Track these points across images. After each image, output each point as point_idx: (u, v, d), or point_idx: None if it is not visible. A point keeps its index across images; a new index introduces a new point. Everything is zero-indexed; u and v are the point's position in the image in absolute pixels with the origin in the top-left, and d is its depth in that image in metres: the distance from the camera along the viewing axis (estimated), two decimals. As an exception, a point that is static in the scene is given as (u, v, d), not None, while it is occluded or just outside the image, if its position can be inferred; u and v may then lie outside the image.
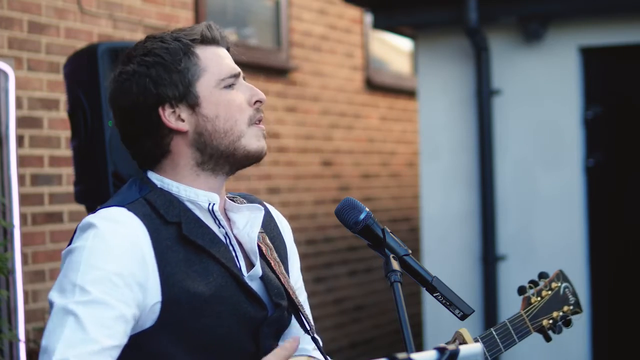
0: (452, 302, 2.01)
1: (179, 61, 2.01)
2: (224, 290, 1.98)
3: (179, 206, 2.01)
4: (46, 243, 4.93)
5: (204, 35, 2.05)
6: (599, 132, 6.29)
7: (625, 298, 6.30)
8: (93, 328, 1.82)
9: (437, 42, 6.65)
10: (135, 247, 1.91)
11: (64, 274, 1.91)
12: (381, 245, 2.01)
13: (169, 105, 2.01)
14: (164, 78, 2.00)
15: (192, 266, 1.96)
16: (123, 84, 2.03)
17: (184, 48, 2.02)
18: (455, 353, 1.65)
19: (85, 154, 3.98)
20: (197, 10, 6.22)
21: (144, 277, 1.90)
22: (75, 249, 1.93)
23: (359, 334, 8.02)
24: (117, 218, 1.94)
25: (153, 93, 2.00)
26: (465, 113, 6.52)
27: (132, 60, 2.04)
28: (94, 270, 1.87)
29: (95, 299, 1.84)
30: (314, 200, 7.42)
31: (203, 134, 2.02)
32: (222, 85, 2.03)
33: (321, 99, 7.66)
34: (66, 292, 1.87)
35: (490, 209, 6.35)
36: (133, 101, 2.01)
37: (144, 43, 2.06)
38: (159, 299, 1.91)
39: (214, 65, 2.04)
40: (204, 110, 2.02)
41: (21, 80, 4.78)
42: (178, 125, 2.02)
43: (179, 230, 1.97)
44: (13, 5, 4.80)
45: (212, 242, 2.00)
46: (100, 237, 1.91)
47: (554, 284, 2.32)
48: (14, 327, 4.14)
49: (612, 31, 6.24)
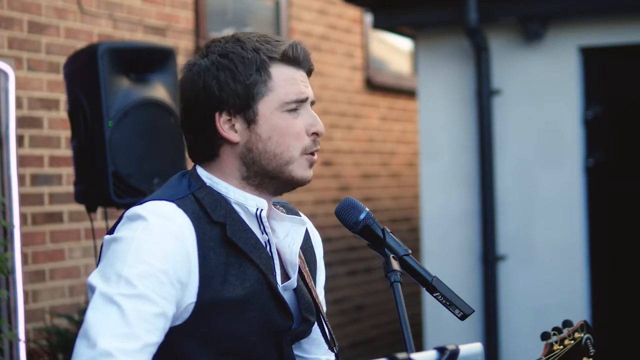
0: (452, 302, 2.00)
1: (250, 75, 1.99)
2: (257, 297, 1.98)
3: (226, 206, 2.00)
4: (46, 243, 4.93)
5: (285, 55, 2.02)
6: (599, 132, 6.29)
7: (625, 298, 6.30)
8: (136, 323, 1.82)
9: (437, 42, 6.64)
10: (181, 245, 1.91)
11: (109, 262, 1.90)
12: (381, 245, 2.01)
13: (227, 113, 2.00)
14: (229, 85, 1.99)
15: (230, 269, 1.96)
16: (192, 76, 2.02)
17: (259, 62, 2.00)
18: (455, 353, 1.65)
19: (85, 154, 3.98)
20: (197, 10, 6.22)
21: (186, 275, 1.91)
22: (123, 239, 1.91)
23: (359, 334, 8.02)
24: (167, 214, 1.93)
25: (215, 96, 1.99)
26: (465, 113, 6.52)
27: (209, 55, 2.02)
28: (141, 265, 1.87)
29: (140, 294, 1.85)
30: (314, 200, 7.42)
31: (252, 151, 2.01)
32: (284, 109, 2.02)
33: (321, 99, 7.66)
34: (110, 281, 1.86)
35: (490, 208, 6.35)
36: (196, 96, 2.01)
37: (226, 41, 2.04)
38: (194, 299, 1.92)
39: (283, 87, 2.01)
40: (259, 128, 2.00)
41: (21, 80, 4.78)
42: (230, 135, 2.01)
43: (223, 231, 1.97)
44: (13, 5, 4.80)
45: (254, 247, 2.00)
46: (149, 231, 1.90)
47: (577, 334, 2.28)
48: (14, 327, 4.14)
49: (612, 31, 6.24)
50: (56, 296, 4.98)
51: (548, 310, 6.24)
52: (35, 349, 4.60)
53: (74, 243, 5.09)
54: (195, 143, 2.05)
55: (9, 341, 4.11)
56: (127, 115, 3.96)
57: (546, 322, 7.08)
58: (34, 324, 4.78)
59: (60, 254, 5.01)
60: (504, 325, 6.32)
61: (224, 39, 2.05)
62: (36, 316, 4.84)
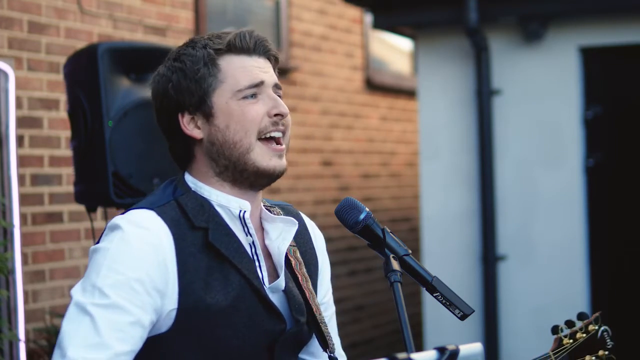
0: (452, 302, 2.00)
1: (198, 70, 2.02)
2: (241, 302, 1.98)
3: (209, 211, 2.01)
4: (46, 243, 4.93)
5: (232, 44, 2.04)
6: (599, 132, 6.29)
7: (625, 298, 6.30)
8: (108, 332, 1.84)
9: (437, 42, 6.64)
10: (157, 253, 1.92)
11: (87, 273, 1.93)
12: (381, 245, 2.01)
13: (188, 112, 2.03)
14: (182, 85, 2.02)
15: (212, 274, 1.96)
16: (154, 85, 2.08)
17: (206, 57, 2.02)
18: (455, 353, 1.65)
19: (85, 154, 3.97)
20: (197, 10, 6.22)
21: (163, 283, 1.92)
22: (100, 250, 1.94)
23: (359, 334, 8.02)
24: (143, 223, 1.95)
25: (173, 98, 2.03)
26: (465, 113, 6.52)
27: (166, 62, 2.07)
28: (114, 275, 1.89)
29: (113, 304, 1.86)
30: (314, 200, 7.42)
31: (215, 144, 2.02)
32: (239, 97, 2.02)
33: (321, 99, 7.66)
34: (86, 291, 1.89)
35: (490, 208, 6.35)
36: (160, 103, 2.06)
37: (181, 46, 2.09)
38: (175, 306, 1.93)
39: (234, 76, 2.03)
40: (216, 120, 2.02)
41: (21, 80, 4.78)
42: (193, 132, 2.03)
43: (205, 236, 1.98)
44: (13, 5, 4.80)
45: (237, 252, 2.00)
46: (124, 240, 1.92)
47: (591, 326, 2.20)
48: (14, 327, 4.14)
49: (612, 31, 6.24)
50: (56, 296, 4.98)
51: (548, 310, 6.24)
52: (35, 349, 4.60)
53: (74, 243, 5.09)
54: (172, 149, 2.10)
55: (9, 341, 4.11)
56: (127, 115, 3.95)
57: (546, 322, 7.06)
58: (34, 324, 4.78)
59: (60, 254, 5.01)
60: (504, 325, 6.32)
61: (181, 45, 2.10)
62: (36, 316, 4.84)
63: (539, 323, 6.25)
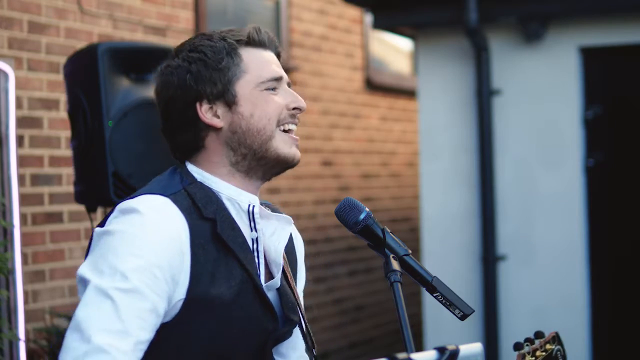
0: (452, 302, 2.00)
1: (221, 60, 2.03)
2: (242, 297, 1.97)
3: (217, 203, 2.00)
4: (46, 243, 4.93)
5: (251, 37, 2.07)
6: (599, 132, 6.29)
7: (625, 298, 6.30)
8: (130, 319, 1.80)
9: (437, 42, 6.64)
10: (176, 241, 1.90)
11: (102, 254, 1.87)
12: (381, 245, 2.01)
13: (207, 101, 2.02)
14: (203, 74, 2.02)
15: (218, 267, 1.95)
16: (166, 77, 2.06)
17: (228, 47, 2.04)
18: (455, 353, 1.65)
19: (85, 154, 3.97)
20: (197, 10, 6.22)
21: (178, 272, 1.90)
22: (116, 232, 1.89)
23: (359, 334, 8.02)
24: (162, 209, 1.93)
25: (192, 88, 2.02)
26: (465, 113, 6.52)
27: (178, 55, 2.06)
28: (136, 259, 1.85)
29: (134, 288, 1.83)
30: (314, 200, 7.42)
31: (237, 132, 2.02)
32: (262, 88, 2.04)
33: (321, 99, 7.66)
34: (104, 274, 1.84)
35: (490, 209, 6.35)
36: (173, 94, 2.04)
37: (193, 40, 2.08)
38: (183, 296, 1.91)
39: (256, 68, 2.05)
40: (241, 108, 2.03)
41: (21, 80, 4.78)
42: (213, 121, 2.02)
43: (213, 227, 1.97)
44: (13, 5, 4.81)
45: (242, 246, 2.00)
46: (144, 225, 1.89)
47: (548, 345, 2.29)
48: (14, 327, 4.14)
49: (612, 31, 6.24)
50: (56, 296, 4.98)
51: (548, 310, 6.24)
52: (35, 349, 4.60)
53: (74, 243, 5.09)
54: (180, 141, 2.07)
55: (9, 341, 4.11)
56: (127, 115, 3.95)
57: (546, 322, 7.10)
58: (34, 324, 4.78)
59: (60, 254, 5.01)
60: (503, 325, 6.32)
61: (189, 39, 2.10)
62: (36, 316, 4.84)
63: (539, 323, 6.25)
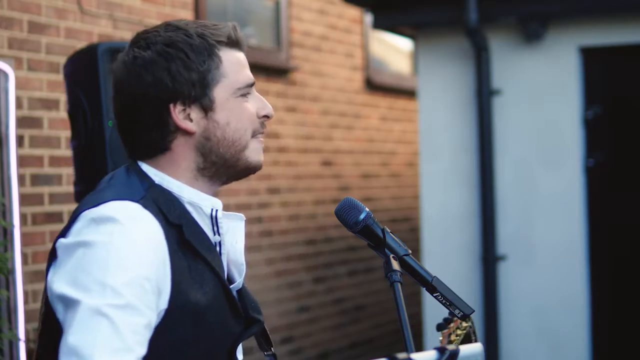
0: (452, 302, 2.00)
1: (203, 62, 1.90)
2: (216, 302, 1.89)
3: (180, 207, 1.90)
4: (46, 243, 4.93)
5: (230, 38, 1.96)
6: (599, 132, 6.29)
7: (625, 298, 6.30)
8: (129, 335, 1.68)
9: (437, 42, 6.64)
10: (159, 250, 1.80)
11: (83, 268, 1.74)
12: (381, 245, 2.00)
13: (181, 103, 1.90)
14: (183, 75, 1.89)
15: (192, 273, 1.86)
16: (137, 71, 1.90)
17: (209, 49, 1.92)
18: (455, 353, 1.65)
19: (85, 154, 3.97)
20: (197, 10, 6.22)
21: (162, 281, 1.79)
22: (96, 243, 1.76)
23: (359, 334, 8.01)
24: (139, 217, 1.81)
25: (169, 88, 1.89)
26: (465, 113, 6.52)
27: (150, 46, 1.91)
28: (124, 272, 1.73)
29: (128, 304, 1.70)
30: (314, 200, 7.42)
31: (210, 139, 1.92)
32: (238, 94, 1.94)
33: (321, 99, 7.66)
34: (92, 291, 1.70)
35: (490, 209, 6.35)
36: (145, 91, 1.90)
37: (165, 30, 1.93)
38: (166, 306, 1.80)
39: (233, 72, 1.94)
40: (217, 115, 1.92)
41: (21, 80, 4.78)
42: (186, 125, 1.91)
43: (179, 234, 1.86)
44: (13, 5, 4.80)
45: (209, 250, 1.91)
46: (126, 235, 1.76)
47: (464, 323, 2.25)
48: (14, 327, 4.14)
49: (612, 31, 6.24)
50: (56, 296, 4.97)
51: (548, 310, 6.24)
52: (35, 349, 4.60)
53: (74, 243, 5.08)
54: (142, 140, 1.93)
55: (9, 341, 4.11)
56: (127, 115, 3.95)
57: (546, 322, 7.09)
58: (34, 324, 4.78)
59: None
60: (504, 325, 6.32)
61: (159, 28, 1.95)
62: (36, 316, 4.83)
63: (539, 323, 6.26)
